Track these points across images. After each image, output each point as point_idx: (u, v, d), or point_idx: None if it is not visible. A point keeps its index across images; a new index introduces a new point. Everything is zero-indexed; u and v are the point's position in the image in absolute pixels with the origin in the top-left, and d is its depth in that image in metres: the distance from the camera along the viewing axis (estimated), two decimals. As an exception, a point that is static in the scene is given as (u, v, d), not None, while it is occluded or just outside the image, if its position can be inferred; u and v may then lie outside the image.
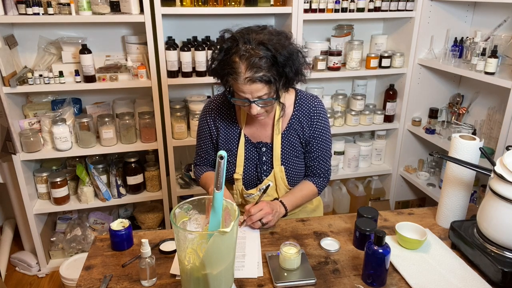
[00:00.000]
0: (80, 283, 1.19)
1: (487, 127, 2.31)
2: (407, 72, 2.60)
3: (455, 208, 1.42)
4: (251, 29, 1.31)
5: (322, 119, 1.50)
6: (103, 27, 2.37)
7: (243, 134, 1.50)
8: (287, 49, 1.29)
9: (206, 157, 1.61)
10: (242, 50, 1.26)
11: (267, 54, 1.25)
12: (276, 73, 1.28)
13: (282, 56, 1.27)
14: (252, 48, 1.25)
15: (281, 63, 1.27)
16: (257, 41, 1.26)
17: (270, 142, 1.51)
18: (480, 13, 2.48)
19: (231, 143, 1.52)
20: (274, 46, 1.26)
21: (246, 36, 1.27)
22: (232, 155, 1.52)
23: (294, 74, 1.33)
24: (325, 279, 1.20)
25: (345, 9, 2.39)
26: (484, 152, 1.30)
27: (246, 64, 1.25)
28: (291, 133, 1.50)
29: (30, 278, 2.46)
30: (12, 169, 2.24)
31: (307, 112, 1.49)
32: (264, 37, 1.27)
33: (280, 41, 1.29)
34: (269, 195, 1.53)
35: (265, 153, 1.51)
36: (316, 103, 1.51)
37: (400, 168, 2.84)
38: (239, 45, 1.26)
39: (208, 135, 1.56)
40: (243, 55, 1.25)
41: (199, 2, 2.20)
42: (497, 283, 1.15)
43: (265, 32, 1.30)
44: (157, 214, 2.63)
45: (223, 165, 0.98)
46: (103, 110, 2.44)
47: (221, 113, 1.53)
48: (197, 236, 0.97)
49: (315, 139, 1.51)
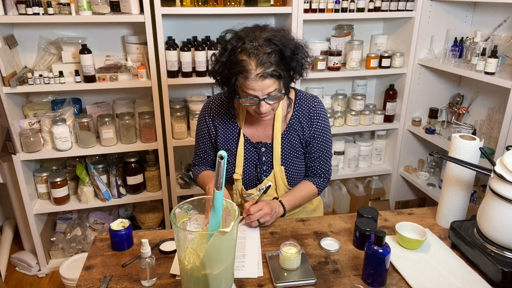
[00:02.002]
0: (80, 283, 1.19)
1: (487, 127, 2.31)
2: (407, 72, 2.60)
3: (455, 208, 1.42)
4: (254, 28, 1.32)
5: (322, 119, 1.50)
6: (103, 27, 2.37)
7: (242, 134, 1.50)
8: (292, 43, 1.31)
9: (204, 157, 1.61)
10: (249, 48, 1.26)
11: (275, 49, 1.26)
12: (284, 67, 1.29)
13: (289, 50, 1.28)
14: (259, 45, 1.26)
15: (288, 57, 1.28)
16: (263, 37, 1.27)
17: (270, 142, 1.51)
18: (480, 13, 2.48)
19: (230, 143, 1.52)
20: (281, 41, 1.28)
21: (251, 34, 1.28)
22: (232, 155, 1.52)
23: (300, 68, 1.35)
24: (325, 279, 1.20)
25: (345, 9, 2.39)
26: (484, 152, 1.30)
27: (255, 61, 1.25)
28: (291, 133, 1.50)
29: (30, 278, 2.46)
30: (12, 169, 2.24)
31: (307, 112, 1.49)
32: (269, 34, 1.28)
33: (285, 36, 1.31)
34: (269, 195, 1.53)
35: (264, 153, 1.51)
36: (316, 103, 1.51)
37: (400, 168, 2.84)
38: (245, 43, 1.26)
39: (206, 135, 1.55)
40: (252, 52, 1.25)
41: (199, 2, 2.20)
42: (497, 283, 1.15)
43: (268, 29, 1.32)
44: (157, 214, 2.63)
45: (223, 165, 0.98)
46: (103, 110, 2.44)
47: (220, 113, 1.52)
48: (197, 236, 0.97)
49: (315, 139, 1.51)
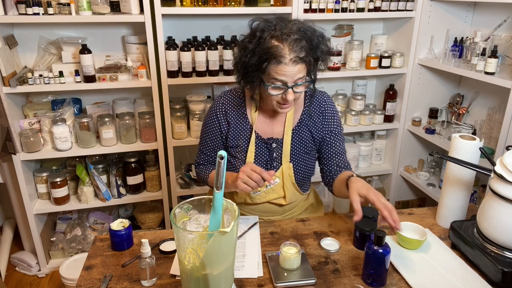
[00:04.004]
0: (80, 283, 1.19)
1: (487, 127, 2.31)
2: (407, 72, 2.60)
3: (455, 208, 1.42)
4: (280, 17, 1.34)
5: (335, 114, 1.53)
6: (103, 27, 2.37)
7: (254, 131, 1.49)
8: (318, 32, 1.34)
9: (212, 155, 1.58)
10: (280, 34, 1.27)
11: (304, 36, 1.28)
12: (312, 56, 1.31)
13: (316, 39, 1.32)
14: (290, 31, 1.28)
15: (315, 45, 1.31)
16: (292, 25, 1.29)
17: (281, 138, 1.50)
18: (480, 13, 2.48)
19: (241, 139, 1.50)
20: (309, 30, 1.32)
21: (280, 23, 1.30)
22: (242, 152, 1.50)
23: (325, 57, 1.37)
24: (325, 279, 1.20)
25: (345, 9, 2.39)
26: (484, 152, 1.30)
27: (289, 45, 1.26)
28: (303, 128, 1.50)
29: (30, 278, 2.46)
30: (12, 169, 2.24)
31: (318, 108, 1.51)
32: (298, 22, 1.32)
33: (311, 26, 1.34)
34: (276, 192, 1.52)
35: (275, 149, 1.50)
36: (326, 98, 1.53)
37: (400, 168, 2.84)
38: (276, 30, 1.28)
39: (217, 130, 1.52)
40: (284, 38, 1.26)
41: (199, 2, 2.20)
42: (497, 283, 1.15)
43: (295, 19, 1.35)
44: (157, 214, 2.63)
45: (223, 165, 0.99)
46: (103, 110, 2.44)
47: (232, 109, 1.51)
48: (197, 236, 0.97)
49: (332, 134, 1.52)
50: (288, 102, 1.34)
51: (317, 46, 1.32)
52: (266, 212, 1.58)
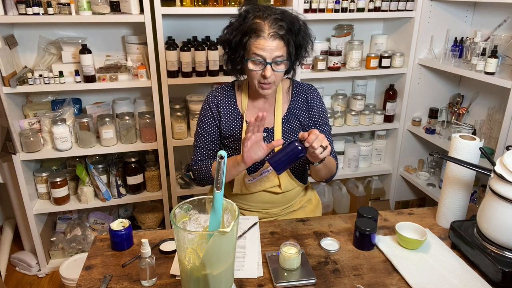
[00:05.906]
0: (80, 283, 1.19)
1: (487, 127, 2.31)
2: (407, 72, 2.60)
3: (455, 208, 1.42)
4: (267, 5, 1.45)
5: (319, 103, 1.58)
6: (103, 27, 2.37)
7: (245, 120, 1.53)
8: (299, 22, 1.43)
9: (209, 148, 1.57)
10: (263, 14, 1.37)
11: (285, 18, 1.38)
12: (292, 39, 1.39)
13: (297, 25, 1.41)
14: (273, 13, 1.38)
15: (297, 30, 1.40)
16: (276, 10, 1.40)
17: (271, 127, 1.54)
18: (480, 13, 2.48)
19: (233, 129, 1.54)
20: (291, 16, 1.41)
21: (266, 8, 1.41)
22: (235, 141, 1.54)
23: (306, 44, 1.46)
24: (325, 279, 1.20)
25: (345, 9, 2.39)
26: (484, 152, 1.30)
27: (268, 22, 1.36)
28: (291, 117, 1.55)
29: (30, 278, 2.46)
30: (12, 169, 2.24)
31: (303, 97, 1.57)
32: (281, 10, 1.42)
33: (292, 14, 1.43)
34: (270, 180, 1.54)
35: (266, 138, 1.53)
36: (312, 89, 1.60)
37: (400, 168, 2.84)
38: (260, 11, 1.39)
39: (212, 122, 1.55)
40: (266, 17, 1.37)
41: (199, 2, 2.20)
42: (497, 283, 1.15)
43: (280, 8, 1.45)
44: (157, 214, 2.63)
45: (223, 165, 0.99)
46: (103, 110, 2.44)
47: (223, 100, 1.56)
48: (197, 236, 0.97)
49: (315, 124, 1.57)
50: (267, 78, 1.39)
51: (298, 31, 1.41)
52: (264, 203, 1.58)
